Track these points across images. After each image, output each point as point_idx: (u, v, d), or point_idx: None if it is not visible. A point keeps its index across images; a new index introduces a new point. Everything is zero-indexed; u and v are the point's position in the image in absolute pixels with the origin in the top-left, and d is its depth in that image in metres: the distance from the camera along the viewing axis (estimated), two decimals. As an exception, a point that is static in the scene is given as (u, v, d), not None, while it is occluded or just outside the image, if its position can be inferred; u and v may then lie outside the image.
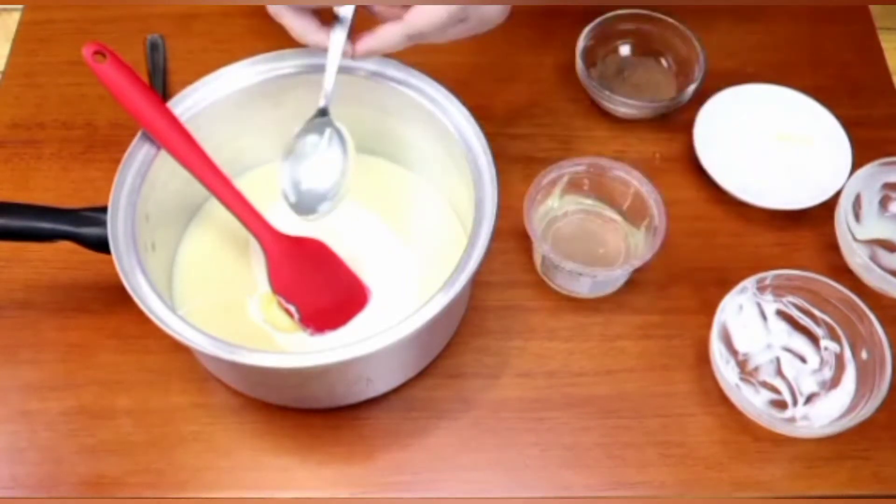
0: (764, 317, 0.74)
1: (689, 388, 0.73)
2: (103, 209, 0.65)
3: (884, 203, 0.80)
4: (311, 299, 0.71)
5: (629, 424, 0.71)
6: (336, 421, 0.71)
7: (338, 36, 0.63)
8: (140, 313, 0.61)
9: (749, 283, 0.72)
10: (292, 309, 0.70)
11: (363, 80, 0.71)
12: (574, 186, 0.78)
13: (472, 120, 0.69)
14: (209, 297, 0.73)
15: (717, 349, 0.70)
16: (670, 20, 0.87)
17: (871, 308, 0.70)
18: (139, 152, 0.68)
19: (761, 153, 0.84)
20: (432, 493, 0.69)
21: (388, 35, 0.63)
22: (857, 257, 0.75)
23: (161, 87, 0.82)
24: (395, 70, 0.70)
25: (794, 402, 0.71)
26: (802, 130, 0.84)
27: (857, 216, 0.79)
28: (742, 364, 0.73)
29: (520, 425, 0.71)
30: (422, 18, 0.62)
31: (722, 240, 0.80)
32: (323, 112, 0.67)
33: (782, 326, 0.74)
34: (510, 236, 0.78)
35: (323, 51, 0.65)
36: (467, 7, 0.61)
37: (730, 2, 0.94)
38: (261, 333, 0.71)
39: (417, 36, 0.63)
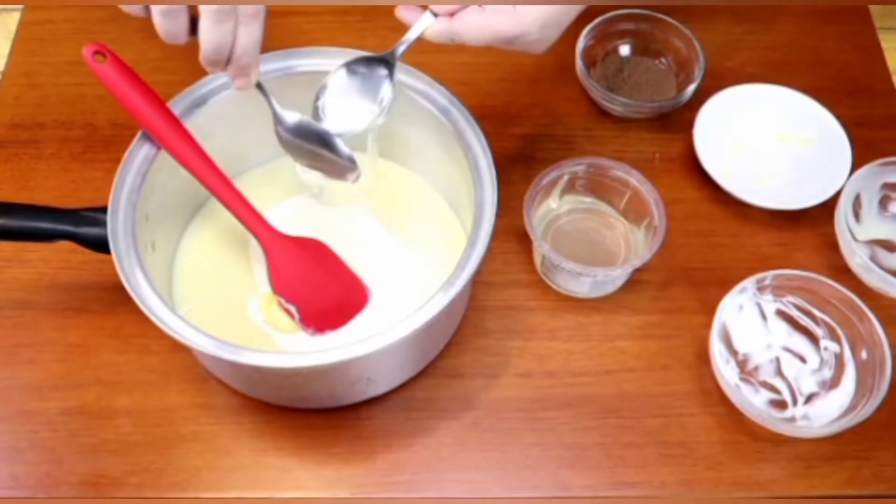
0: (764, 317, 0.74)
1: (689, 388, 0.73)
2: (103, 209, 0.65)
3: (884, 203, 0.80)
4: (312, 299, 0.71)
5: (629, 424, 0.71)
6: (336, 421, 0.71)
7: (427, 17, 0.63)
8: (140, 313, 0.61)
9: (749, 283, 0.72)
10: (292, 309, 0.70)
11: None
12: (574, 186, 0.78)
13: (472, 120, 0.69)
14: (209, 297, 0.73)
15: (716, 349, 0.70)
16: (670, 20, 0.87)
17: (871, 308, 0.70)
18: (139, 152, 0.68)
19: (761, 153, 0.84)
20: (432, 493, 0.69)
21: (435, 31, 0.63)
22: (857, 257, 0.75)
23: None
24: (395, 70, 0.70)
25: (794, 402, 0.71)
26: (802, 130, 0.84)
27: (857, 216, 0.79)
28: (742, 364, 0.73)
29: (520, 425, 0.71)
30: (468, 34, 0.62)
31: (722, 240, 0.80)
32: (388, 61, 0.66)
33: (782, 326, 0.74)
34: (510, 236, 0.78)
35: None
36: (521, 37, 0.62)
37: (730, 2, 0.94)
38: (261, 333, 0.71)
39: (460, 42, 0.63)
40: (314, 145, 0.67)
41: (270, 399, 0.71)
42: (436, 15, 0.62)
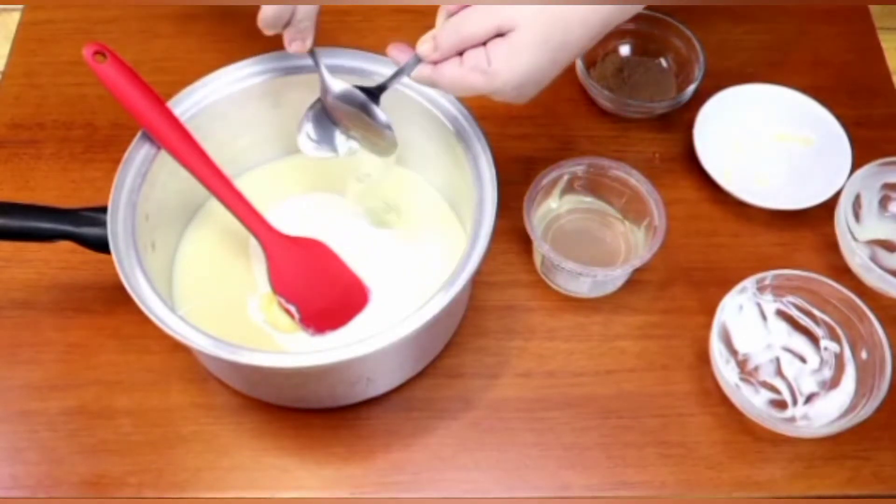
0: (764, 317, 0.74)
1: (689, 388, 0.73)
2: (103, 209, 0.65)
3: (884, 203, 0.80)
4: (312, 299, 0.71)
5: (629, 424, 0.71)
6: (336, 421, 0.71)
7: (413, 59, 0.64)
8: (140, 313, 0.61)
9: (749, 283, 0.72)
10: (293, 309, 0.70)
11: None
12: (574, 186, 0.78)
13: (472, 120, 0.70)
14: (209, 297, 0.73)
15: (717, 349, 0.70)
16: (670, 20, 0.87)
17: (871, 308, 0.70)
18: (139, 152, 0.68)
19: (761, 153, 0.84)
20: (432, 493, 0.69)
21: (417, 75, 0.64)
22: (857, 257, 0.75)
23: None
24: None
25: (794, 402, 0.71)
26: (802, 130, 0.84)
27: (857, 216, 0.79)
28: (742, 364, 0.73)
29: (520, 425, 0.71)
30: (445, 86, 0.63)
31: (722, 240, 0.80)
32: (375, 93, 0.66)
33: (782, 326, 0.74)
34: (510, 236, 0.78)
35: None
36: (494, 94, 0.62)
37: (730, 2, 0.94)
38: (261, 333, 0.71)
39: (438, 90, 0.64)
40: (357, 110, 0.67)
41: (270, 399, 0.71)
42: (420, 60, 0.63)
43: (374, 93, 0.66)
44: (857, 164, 0.79)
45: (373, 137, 0.68)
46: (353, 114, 0.67)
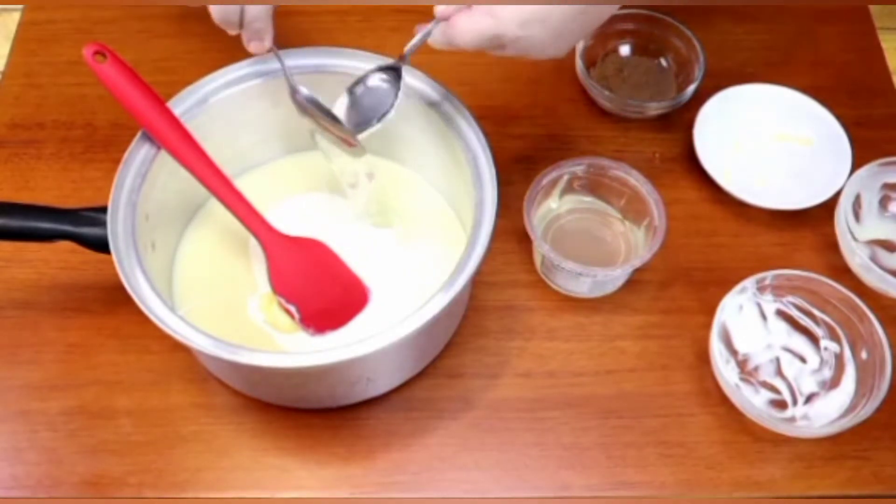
0: (764, 317, 0.74)
1: (689, 388, 0.73)
2: (103, 209, 0.65)
3: (884, 203, 0.80)
4: (312, 299, 0.71)
5: (629, 424, 0.71)
6: (336, 421, 0.71)
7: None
8: (140, 313, 0.61)
9: (749, 283, 0.72)
10: (293, 309, 0.70)
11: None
12: (574, 186, 0.78)
13: (472, 120, 0.70)
14: (209, 297, 0.73)
15: (717, 349, 0.70)
16: (670, 20, 0.87)
17: (871, 308, 0.70)
18: (139, 152, 0.68)
19: (761, 153, 0.84)
20: (432, 493, 0.69)
21: (434, 39, 0.64)
22: (857, 257, 0.75)
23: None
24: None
25: (794, 402, 0.71)
26: (802, 130, 0.84)
27: (857, 216, 0.79)
28: (742, 364, 0.73)
29: (520, 425, 0.71)
30: (458, 37, 0.63)
31: (722, 240, 0.80)
32: (396, 68, 0.67)
33: (782, 326, 0.74)
34: (510, 236, 0.78)
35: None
36: (502, 35, 0.62)
37: (730, 2, 0.94)
38: (261, 333, 0.71)
39: (455, 47, 0.64)
40: (324, 114, 0.68)
41: (270, 399, 0.71)
42: (437, 22, 0.63)
43: (395, 69, 0.67)
44: (857, 164, 0.79)
45: (344, 136, 0.68)
46: (322, 116, 0.68)
